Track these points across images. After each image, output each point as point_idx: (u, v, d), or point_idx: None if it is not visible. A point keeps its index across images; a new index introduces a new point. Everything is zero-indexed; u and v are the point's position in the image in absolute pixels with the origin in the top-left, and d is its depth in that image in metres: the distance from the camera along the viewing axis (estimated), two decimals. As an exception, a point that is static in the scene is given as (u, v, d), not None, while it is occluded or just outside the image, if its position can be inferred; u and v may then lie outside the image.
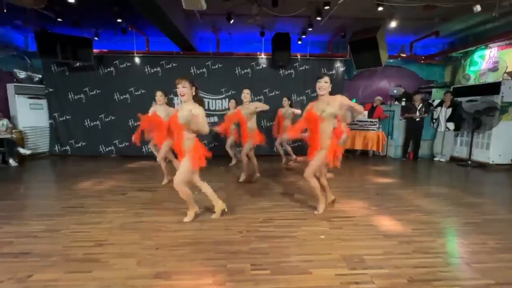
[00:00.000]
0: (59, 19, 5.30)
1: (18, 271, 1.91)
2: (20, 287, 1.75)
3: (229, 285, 1.79)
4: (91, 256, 2.12)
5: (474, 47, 6.39)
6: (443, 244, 2.38)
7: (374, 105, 6.66)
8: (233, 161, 5.75)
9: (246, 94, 3.98)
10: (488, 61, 6.30)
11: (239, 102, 4.59)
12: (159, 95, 3.99)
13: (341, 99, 2.67)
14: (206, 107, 6.74)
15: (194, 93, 2.61)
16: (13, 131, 5.80)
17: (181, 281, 1.82)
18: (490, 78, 5.93)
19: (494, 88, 5.47)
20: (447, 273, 1.94)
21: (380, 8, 4.79)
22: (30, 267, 1.96)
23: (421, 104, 6.22)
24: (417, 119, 6.21)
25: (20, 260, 2.06)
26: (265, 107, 3.97)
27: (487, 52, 6.34)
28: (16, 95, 6.08)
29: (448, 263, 2.08)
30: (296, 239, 2.43)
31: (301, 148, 6.61)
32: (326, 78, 2.66)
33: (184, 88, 2.51)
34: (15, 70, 6.20)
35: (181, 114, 2.54)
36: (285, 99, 5.48)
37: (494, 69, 5.99)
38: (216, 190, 3.87)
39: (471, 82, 6.42)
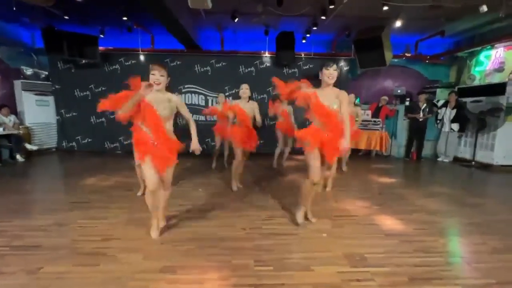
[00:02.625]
0: (66, 17, 5.37)
1: (28, 263, 1.97)
2: (32, 278, 1.82)
3: (233, 280, 1.83)
4: (98, 250, 2.18)
5: (480, 47, 6.33)
6: (445, 244, 2.40)
7: (380, 105, 6.65)
8: (214, 164, 5.29)
9: (245, 89, 3.51)
10: (494, 61, 6.24)
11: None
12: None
13: (347, 99, 2.42)
14: (210, 104, 6.77)
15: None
16: (20, 127, 5.89)
17: (187, 276, 1.87)
18: (496, 79, 5.89)
19: (499, 88, 5.43)
20: (448, 272, 1.97)
21: (385, 8, 4.78)
22: (40, 259, 2.02)
23: (425, 104, 6.20)
24: (421, 119, 6.20)
25: (30, 252, 2.12)
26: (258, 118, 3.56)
27: (493, 52, 6.28)
28: (23, 91, 6.16)
29: (449, 263, 2.10)
30: (298, 237, 2.47)
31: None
32: (335, 66, 2.39)
33: (162, 77, 2.20)
34: (22, 67, 6.28)
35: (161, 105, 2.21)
36: None
37: (500, 69, 5.95)
38: (217, 188, 3.94)
39: (476, 82, 6.38)
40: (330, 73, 2.37)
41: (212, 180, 4.37)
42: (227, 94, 6.67)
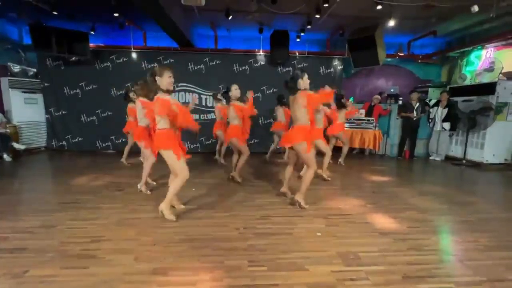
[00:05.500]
0: (54, 12, 5.22)
1: (14, 267, 1.90)
2: (16, 282, 1.75)
3: (226, 281, 1.80)
4: (87, 252, 2.12)
5: (471, 47, 6.43)
6: (437, 242, 2.42)
7: (372, 104, 6.70)
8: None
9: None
10: (484, 61, 6.35)
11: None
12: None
13: None
14: (203, 104, 6.72)
15: None
16: (8, 125, 5.72)
17: (179, 277, 1.83)
18: (486, 79, 5.99)
19: (489, 88, 5.53)
20: (441, 270, 1.98)
21: (379, 7, 4.80)
22: (26, 262, 1.95)
23: (418, 103, 6.26)
24: (415, 119, 6.26)
25: (16, 255, 2.05)
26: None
27: (483, 52, 6.39)
28: (10, 89, 5.98)
29: (441, 260, 2.12)
30: (292, 236, 2.45)
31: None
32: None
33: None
34: (9, 63, 6.09)
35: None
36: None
37: (490, 69, 6.04)
38: (211, 187, 3.90)
39: (467, 82, 6.48)
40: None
41: (206, 179, 4.32)
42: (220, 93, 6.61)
